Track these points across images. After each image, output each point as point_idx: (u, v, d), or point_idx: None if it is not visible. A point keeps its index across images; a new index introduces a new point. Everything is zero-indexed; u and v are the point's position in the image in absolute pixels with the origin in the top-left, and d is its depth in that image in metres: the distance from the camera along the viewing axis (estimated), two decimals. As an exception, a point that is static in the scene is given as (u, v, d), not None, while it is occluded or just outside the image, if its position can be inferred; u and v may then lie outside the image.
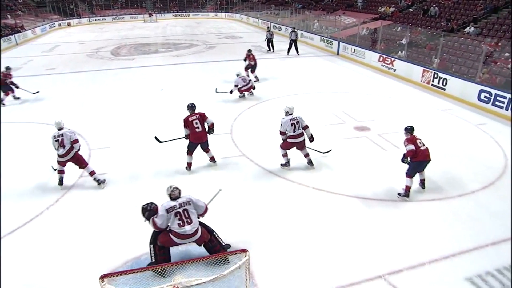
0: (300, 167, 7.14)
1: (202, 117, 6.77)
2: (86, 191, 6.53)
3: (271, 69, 15.23)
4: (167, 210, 4.34)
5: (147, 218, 4.43)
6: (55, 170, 6.65)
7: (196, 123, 6.67)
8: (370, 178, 6.77)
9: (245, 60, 13.66)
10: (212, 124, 6.87)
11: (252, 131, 8.88)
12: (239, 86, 11.10)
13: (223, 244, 4.75)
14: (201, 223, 4.60)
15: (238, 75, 11.16)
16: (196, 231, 4.42)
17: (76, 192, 6.53)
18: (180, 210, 4.35)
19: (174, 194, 4.46)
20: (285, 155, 7.01)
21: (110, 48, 22.11)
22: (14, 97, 11.95)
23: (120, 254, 4.87)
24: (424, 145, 5.92)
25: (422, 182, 6.27)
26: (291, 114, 6.75)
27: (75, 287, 4.43)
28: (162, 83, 13.55)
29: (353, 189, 6.39)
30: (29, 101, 11.78)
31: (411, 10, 20.20)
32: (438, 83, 11.93)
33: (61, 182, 6.58)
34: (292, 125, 6.63)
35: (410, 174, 6.00)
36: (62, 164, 6.43)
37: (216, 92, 11.45)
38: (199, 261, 3.73)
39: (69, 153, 6.33)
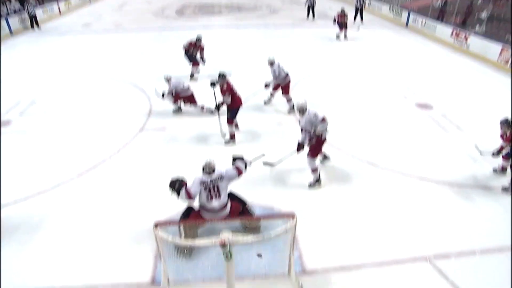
0: (356, 140, 7.02)
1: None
2: (149, 146, 6.94)
3: (333, 39, 14.74)
4: (200, 184, 4.34)
5: (177, 190, 4.40)
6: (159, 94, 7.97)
7: (233, 87, 6.71)
8: (428, 158, 6.49)
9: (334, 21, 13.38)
10: None
11: (311, 100, 8.67)
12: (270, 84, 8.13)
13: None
14: (232, 196, 4.61)
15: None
16: (224, 207, 4.42)
17: (139, 144, 6.97)
18: (211, 186, 4.34)
19: (209, 168, 4.36)
20: (315, 169, 5.71)
21: (175, 8, 22.50)
22: (192, 75, 10.18)
23: (175, 206, 5.09)
24: None
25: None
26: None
27: (132, 230, 4.81)
28: (223, 45, 13.66)
29: (410, 167, 6.19)
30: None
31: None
32: (518, 63, 10.86)
33: (179, 108, 8.20)
34: (314, 116, 5.44)
35: None
36: (176, 100, 7.93)
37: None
38: (248, 220, 3.89)
39: (189, 89, 7.94)
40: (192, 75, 10.16)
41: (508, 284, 4.04)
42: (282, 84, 8.02)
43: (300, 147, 5.70)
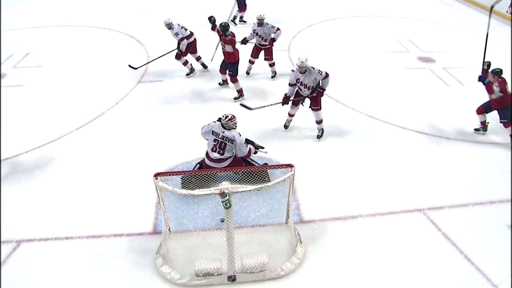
0: (356, 93, 6.96)
1: None
2: (147, 98, 6.86)
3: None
4: (212, 132, 4.46)
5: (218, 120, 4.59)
6: (135, 68, 7.49)
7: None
8: (428, 111, 6.49)
9: None
10: None
11: (311, 49, 8.52)
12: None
13: (259, 164, 4.86)
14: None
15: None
16: (224, 160, 4.47)
17: (137, 96, 6.90)
18: (219, 140, 4.41)
19: (227, 125, 4.40)
20: (322, 120, 5.74)
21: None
22: (234, 20, 9.66)
23: (174, 157, 5.24)
24: None
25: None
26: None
27: (133, 180, 4.88)
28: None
29: (409, 120, 6.19)
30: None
31: None
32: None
33: (191, 70, 7.50)
34: (319, 73, 5.36)
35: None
36: (184, 54, 7.20)
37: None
38: (248, 169, 3.92)
39: (192, 35, 7.17)
40: (234, 19, 9.58)
41: (497, 236, 4.18)
42: (264, 48, 7.18)
43: (286, 100, 5.63)
